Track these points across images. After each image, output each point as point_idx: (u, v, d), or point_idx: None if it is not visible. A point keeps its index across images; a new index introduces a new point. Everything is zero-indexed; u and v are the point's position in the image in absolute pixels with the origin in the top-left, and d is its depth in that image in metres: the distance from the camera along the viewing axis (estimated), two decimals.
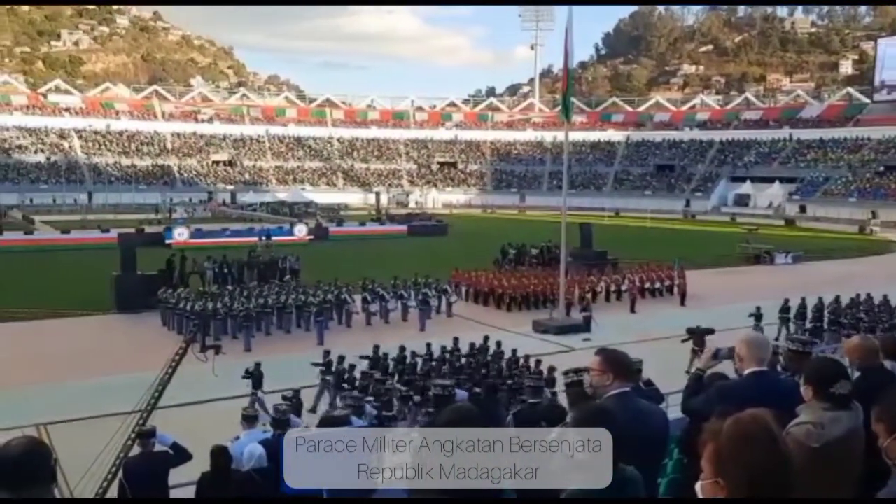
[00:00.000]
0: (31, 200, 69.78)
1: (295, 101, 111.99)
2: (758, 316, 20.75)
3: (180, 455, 6.76)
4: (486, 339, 17.01)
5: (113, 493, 8.23)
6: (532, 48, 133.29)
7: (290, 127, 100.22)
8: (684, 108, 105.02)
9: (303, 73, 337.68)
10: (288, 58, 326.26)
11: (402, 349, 15.62)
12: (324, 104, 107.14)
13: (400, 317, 23.99)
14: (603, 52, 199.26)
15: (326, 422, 4.74)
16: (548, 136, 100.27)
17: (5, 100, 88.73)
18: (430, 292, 24.47)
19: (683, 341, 5.81)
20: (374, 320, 23.63)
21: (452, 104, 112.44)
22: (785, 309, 21.46)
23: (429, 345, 16.15)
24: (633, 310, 26.31)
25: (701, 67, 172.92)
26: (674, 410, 6.12)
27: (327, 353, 15.27)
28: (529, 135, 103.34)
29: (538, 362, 14.42)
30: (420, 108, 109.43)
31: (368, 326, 23.16)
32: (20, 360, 18.51)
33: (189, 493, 6.53)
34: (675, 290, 28.87)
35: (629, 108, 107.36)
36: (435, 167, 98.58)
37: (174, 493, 6.94)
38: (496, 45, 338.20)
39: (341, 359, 14.60)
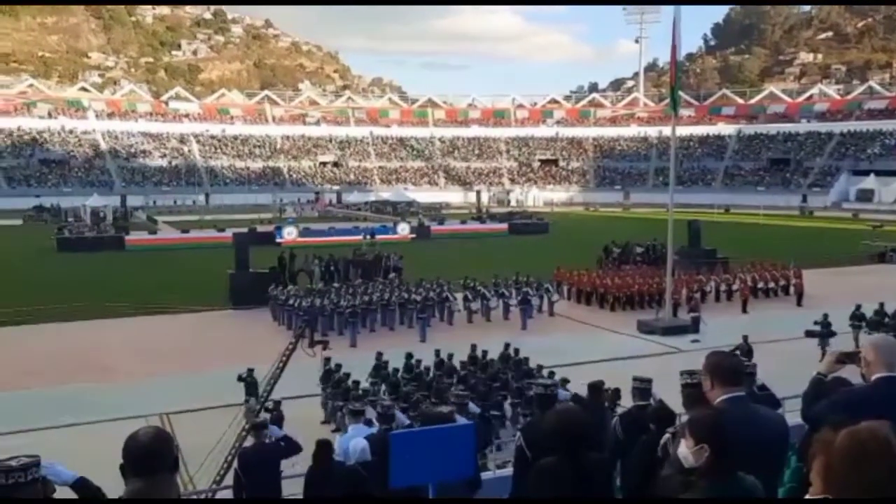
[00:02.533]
0: (155, 202, 74.13)
1: (398, 102, 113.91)
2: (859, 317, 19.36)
3: (291, 447, 7.03)
4: (507, 345, 16.32)
5: (228, 481, 8.64)
6: (637, 42, 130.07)
7: (393, 128, 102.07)
8: (800, 98, 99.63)
9: (405, 74, 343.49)
10: (391, 60, 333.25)
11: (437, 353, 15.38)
12: (425, 104, 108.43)
13: (501, 315, 23.96)
14: (712, 42, 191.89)
15: (431, 419, 4.79)
16: (653, 132, 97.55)
17: (131, 107, 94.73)
18: (532, 291, 24.31)
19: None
20: (476, 318, 23.71)
21: (553, 101, 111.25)
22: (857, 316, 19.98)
23: (474, 345, 15.86)
24: (744, 310, 25.24)
25: (819, 56, 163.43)
26: (791, 416, 5.83)
27: (327, 360, 14.69)
28: (633, 130, 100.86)
29: (552, 373, 13.66)
30: (521, 106, 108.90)
31: (470, 324, 23.27)
32: (144, 352, 19.70)
33: (298, 484, 6.76)
34: (791, 290, 27.47)
35: (740, 101, 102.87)
36: (536, 165, 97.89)
37: (284, 484, 7.21)
38: (598, 39, 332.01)
39: (338, 367, 14.32)
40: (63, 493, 4.13)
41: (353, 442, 5.97)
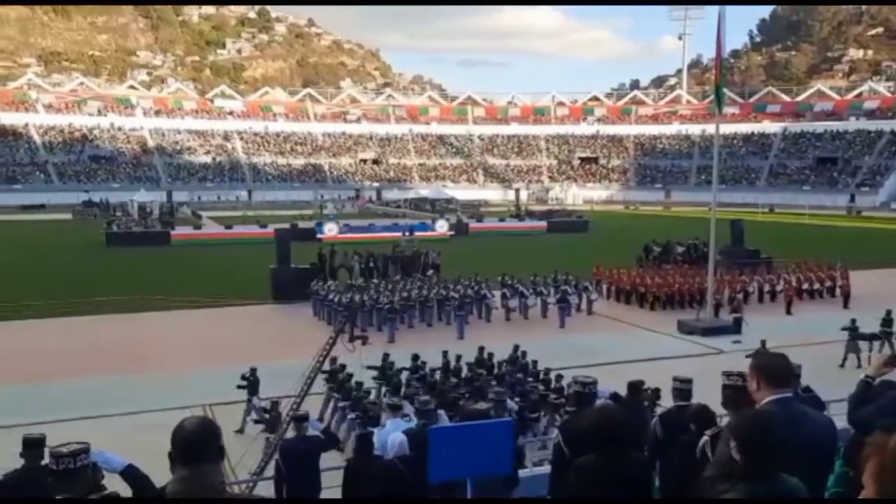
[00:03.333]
0: (199, 198, 75.56)
1: (437, 99, 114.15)
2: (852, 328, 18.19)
3: (331, 440, 7.15)
4: (517, 347, 15.82)
5: (269, 472, 8.79)
6: (680, 38, 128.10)
7: (432, 125, 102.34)
8: (849, 96, 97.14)
9: (445, 71, 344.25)
10: (431, 57, 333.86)
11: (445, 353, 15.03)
12: (465, 102, 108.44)
13: (539, 313, 23.88)
14: (758, 39, 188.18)
15: (469, 415, 4.83)
16: (695, 130, 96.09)
17: (178, 105, 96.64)
18: (570, 289, 24.16)
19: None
20: (514, 316, 23.66)
21: (594, 98, 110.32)
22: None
23: (481, 347, 15.55)
24: (788, 311, 24.74)
25: (869, 52, 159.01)
26: (835, 420, 5.72)
27: (334, 360, 14.28)
28: (675, 128, 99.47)
29: (559, 376, 13.39)
30: (561, 104, 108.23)
31: (508, 322, 23.23)
32: (188, 345, 20.11)
33: (337, 476, 6.86)
34: (838, 291, 26.83)
35: (786, 98, 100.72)
36: (575, 163, 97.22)
37: (323, 476, 7.32)
38: (640, 36, 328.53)
39: (343, 367, 14.06)
40: (111, 479, 4.26)
41: (392, 436, 6.03)
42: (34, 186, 75.54)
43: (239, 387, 13.58)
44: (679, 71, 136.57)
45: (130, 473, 4.00)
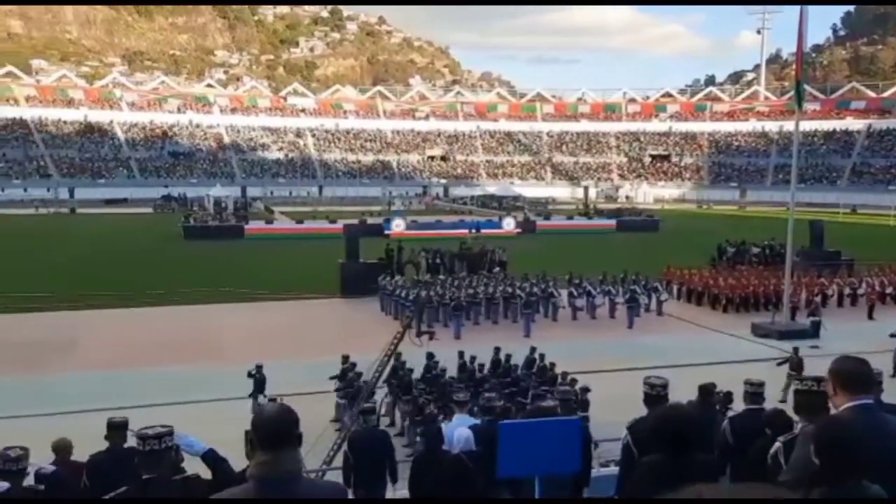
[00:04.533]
0: (272, 193, 77.36)
1: (506, 96, 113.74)
2: None
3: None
4: (533, 349, 15.45)
5: (338, 462, 8.99)
6: (758, 32, 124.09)
7: (500, 122, 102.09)
8: None
9: (514, 68, 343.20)
10: (500, 54, 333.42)
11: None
12: (534, 99, 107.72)
13: (607, 313, 23.59)
14: (842, 33, 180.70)
15: (536, 413, 4.84)
16: (773, 127, 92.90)
17: (252, 103, 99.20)
18: (639, 289, 23.79)
19: None
20: (581, 315, 23.44)
21: (667, 95, 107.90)
22: None
23: (497, 348, 15.25)
24: (870, 316, 23.74)
25: None
26: None
27: (346, 358, 14.32)
28: (752, 125, 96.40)
29: (574, 380, 12.98)
30: (632, 100, 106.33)
31: (574, 321, 23.05)
32: (259, 336, 20.65)
33: (404, 469, 6.97)
34: None
35: (872, 94, 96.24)
36: (647, 160, 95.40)
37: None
38: (717, 30, 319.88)
39: (353, 365, 14.07)
40: (192, 462, 4.46)
41: (459, 431, 6.09)
42: (117, 181, 78.76)
43: (250, 374, 13.82)
44: (757, 66, 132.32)
45: (211, 457, 4.18)
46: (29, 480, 5.35)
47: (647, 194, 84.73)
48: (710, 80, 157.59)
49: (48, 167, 78.35)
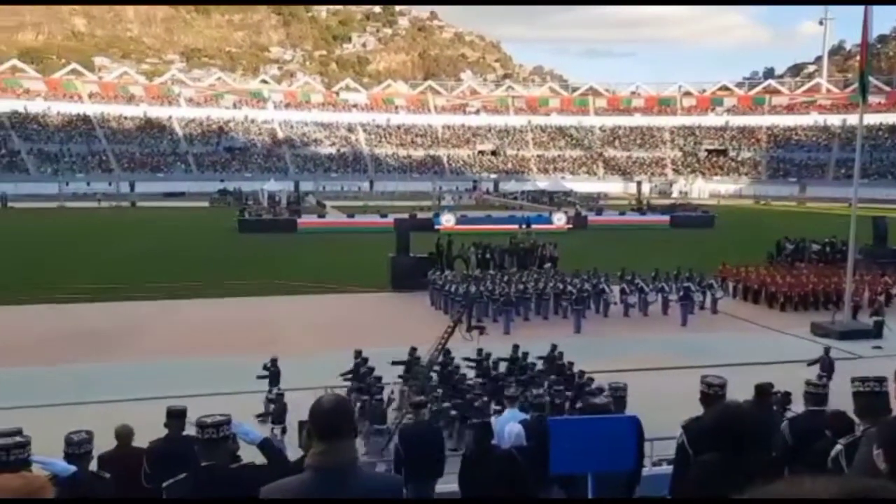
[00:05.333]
0: (324, 187, 78.38)
1: (558, 90, 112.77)
2: None
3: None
4: (554, 347, 15.00)
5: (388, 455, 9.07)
6: (821, 23, 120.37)
7: (552, 116, 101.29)
8: None
9: (567, 62, 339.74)
10: (553, 48, 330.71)
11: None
12: (587, 93, 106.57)
13: (660, 310, 23.22)
14: None
15: (589, 409, 4.81)
16: (835, 120, 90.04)
17: (306, 98, 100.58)
18: (694, 286, 23.34)
19: None
20: (633, 312, 23.14)
21: (724, 88, 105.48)
22: None
23: (516, 346, 14.84)
24: None
25: None
26: None
27: (358, 353, 14.20)
28: (813, 118, 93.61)
29: (591, 379, 12.58)
30: (688, 94, 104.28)
31: (626, 318, 22.76)
32: (311, 328, 20.97)
33: (453, 464, 6.99)
34: None
35: None
36: (702, 155, 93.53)
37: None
38: (777, 21, 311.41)
39: (365, 360, 13.99)
40: (247, 451, 4.56)
41: (509, 426, 6.09)
42: (175, 175, 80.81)
43: (259, 377, 13.68)
44: (819, 58, 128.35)
45: (267, 446, 4.27)
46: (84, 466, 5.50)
47: (703, 190, 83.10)
48: (770, 73, 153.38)
49: (110, 162, 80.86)
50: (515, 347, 14.58)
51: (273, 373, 13.71)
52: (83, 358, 17.56)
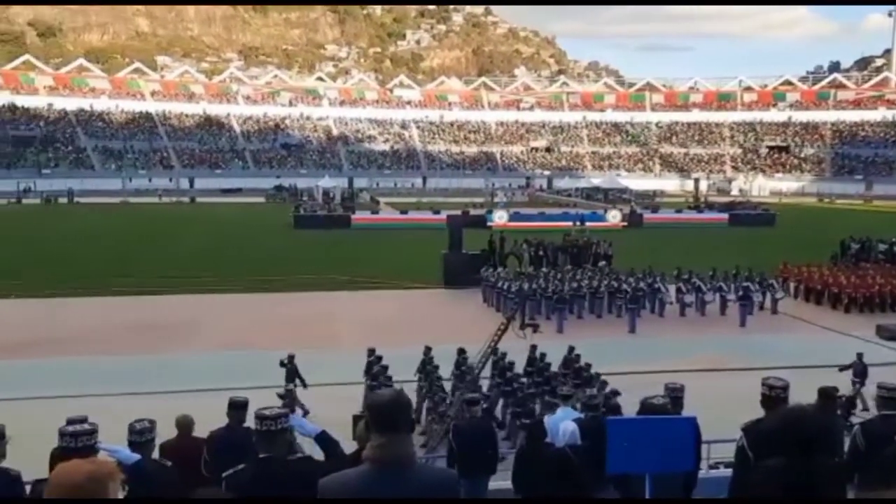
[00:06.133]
0: (377, 184, 79.04)
1: (613, 86, 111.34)
2: None
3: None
4: (571, 349, 14.45)
5: (441, 450, 9.10)
6: (890, 15, 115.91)
7: (607, 112, 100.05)
8: None
9: (623, 57, 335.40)
10: (609, 43, 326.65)
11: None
12: (643, 88, 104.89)
13: (718, 310, 22.73)
14: None
15: (648, 409, 4.74)
16: None
17: (360, 95, 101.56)
18: (753, 286, 22.77)
19: None
20: (689, 312, 22.71)
21: (787, 82, 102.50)
22: None
23: (533, 346, 14.14)
24: None
25: None
26: None
27: (371, 351, 14.06)
28: (881, 114, 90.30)
29: (605, 382, 12.06)
30: (748, 89, 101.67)
31: (682, 318, 22.35)
32: (364, 324, 21.13)
33: (506, 462, 6.98)
34: None
35: None
36: (763, 152, 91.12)
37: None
38: (843, 14, 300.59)
39: (378, 358, 13.80)
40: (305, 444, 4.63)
41: (564, 425, 6.04)
42: (233, 172, 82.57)
43: (281, 364, 13.77)
44: (887, 51, 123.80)
45: (324, 439, 4.32)
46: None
47: (763, 187, 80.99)
48: (835, 67, 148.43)
49: (171, 158, 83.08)
50: (533, 348, 14.09)
51: (290, 369, 13.68)
52: (146, 349, 18.12)
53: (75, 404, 10.85)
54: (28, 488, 4.79)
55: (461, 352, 13.53)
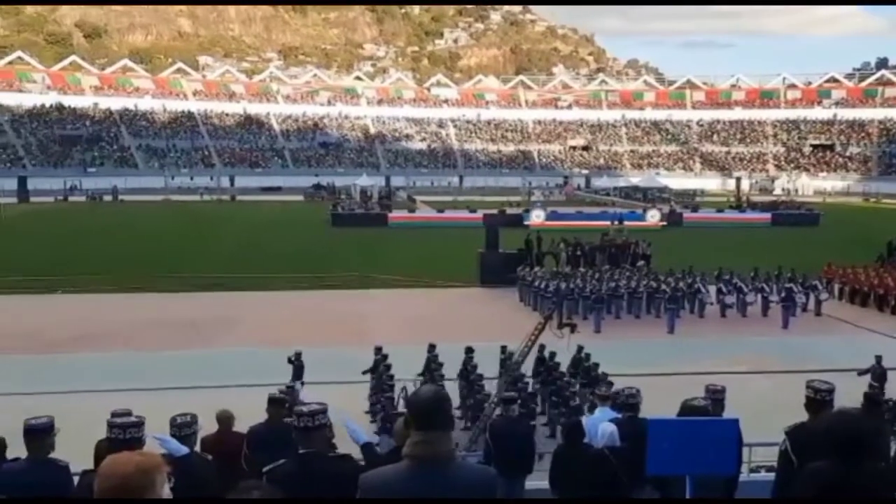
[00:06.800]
0: (414, 183, 79.22)
1: (653, 84, 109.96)
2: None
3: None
4: (581, 349, 14.18)
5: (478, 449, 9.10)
6: None
7: (647, 110, 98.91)
8: None
9: (663, 54, 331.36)
10: (648, 40, 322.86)
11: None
12: (684, 86, 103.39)
13: (759, 311, 22.34)
14: None
15: (688, 410, 4.68)
16: None
17: (398, 94, 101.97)
18: (796, 287, 22.32)
19: None
20: (730, 313, 22.35)
21: (832, 80, 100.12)
22: None
23: (542, 345, 13.93)
24: None
25: None
26: None
27: (378, 349, 13.96)
28: None
29: (610, 383, 11.71)
30: (792, 86, 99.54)
31: (723, 319, 22.02)
32: (400, 321, 21.26)
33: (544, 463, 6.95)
34: None
35: None
36: (807, 150, 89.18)
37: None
38: (891, 10, 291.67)
39: (384, 357, 13.71)
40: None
41: (602, 425, 6.00)
42: (272, 170, 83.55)
43: (289, 361, 13.76)
44: None
45: (368, 450, 4.38)
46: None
47: (807, 186, 79.25)
48: (883, 63, 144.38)
49: (212, 157, 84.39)
50: (542, 348, 13.84)
51: (297, 366, 13.70)
52: (187, 345, 18.45)
53: (117, 398, 11.09)
54: (76, 479, 4.92)
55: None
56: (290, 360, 13.80)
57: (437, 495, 2.60)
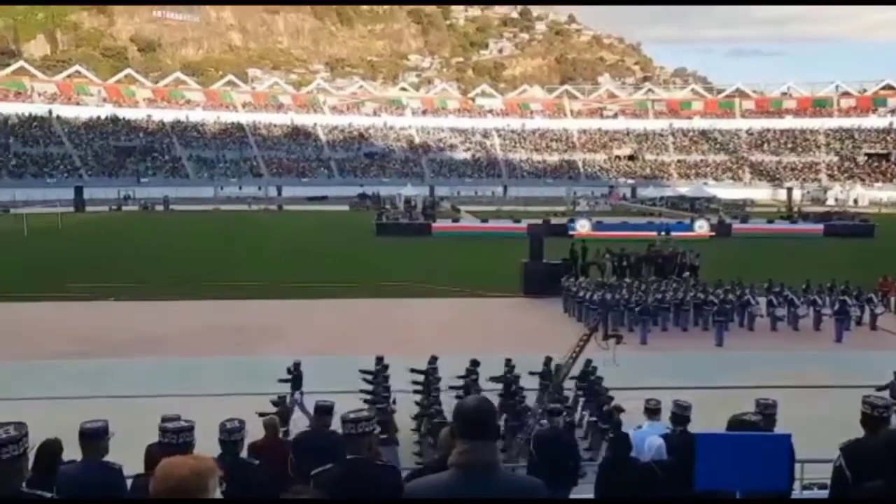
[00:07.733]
0: (458, 192, 79.46)
1: (701, 92, 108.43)
2: None
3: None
4: (589, 362, 13.48)
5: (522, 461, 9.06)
6: None
7: (694, 120, 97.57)
8: None
9: (711, 62, 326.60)
10: (696, 49, 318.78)
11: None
12: (732, 95, 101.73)
13: (811, 325, 21.77)
14: None
15: (737, 425, 4.60)
16: None
17: (442, 104, 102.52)
18: (851, 300, 21.69)
19: None
20: (781, 326, 21.82)
21: (889, 87, 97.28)
22: None
23: (548, 357, 13.38)
24: None
25: None
26: None
27: (380, 359, 13.71)
28: None
29: (610, 397, 11.27)
30: (846, 94, 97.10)
31: (773, 332, 21.50)
32: (442, 330, 21.27)
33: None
34: None
35: None
36: (861, 160, 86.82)
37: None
38: None
39: (385, 367, 13.40)
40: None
41: (650, 439, 5.92)
42: (318, 180, 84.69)
43: (281, 380, 13.40)
44: None
45: None
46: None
47: (862, 197, 77.09)
48: None
49: (260, 167, 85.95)
50: (548, 360, 13.46)
51: (295, 376, 13.53)
52: (234, 352, 18.78)
53: (166, 403, 11.33)
54: (129, 482, 5.05)
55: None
56: (288, 371, 13.65)
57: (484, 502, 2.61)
